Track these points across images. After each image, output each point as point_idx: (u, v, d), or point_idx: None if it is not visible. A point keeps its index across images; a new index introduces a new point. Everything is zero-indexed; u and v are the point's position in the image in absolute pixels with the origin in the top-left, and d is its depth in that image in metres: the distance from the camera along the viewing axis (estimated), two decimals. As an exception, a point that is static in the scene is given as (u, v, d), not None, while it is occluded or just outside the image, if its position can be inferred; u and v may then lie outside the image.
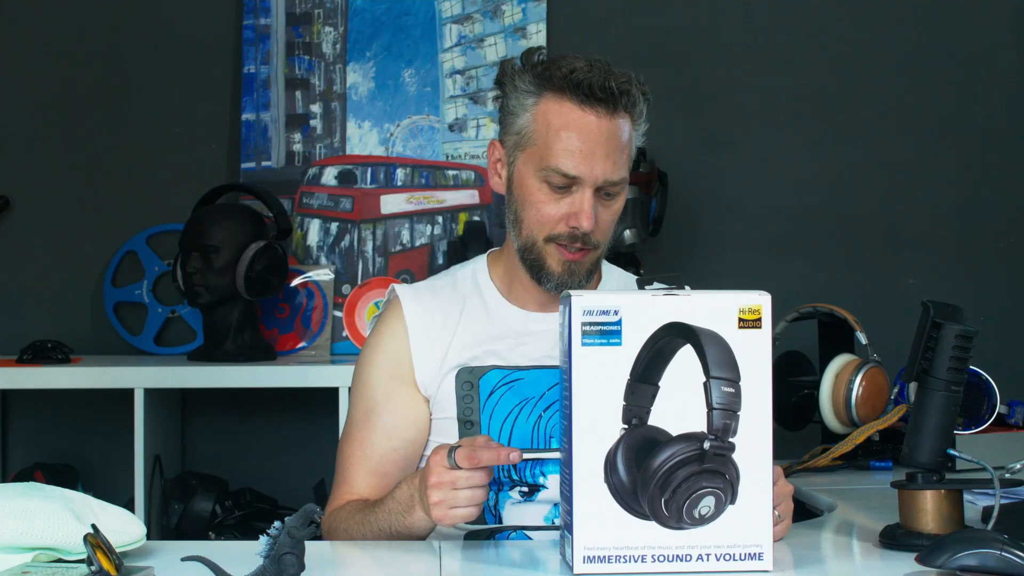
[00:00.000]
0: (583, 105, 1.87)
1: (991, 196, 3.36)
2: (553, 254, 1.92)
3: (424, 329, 1.99)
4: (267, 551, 1.44)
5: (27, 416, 3.30)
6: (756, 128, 3.35)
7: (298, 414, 3.23)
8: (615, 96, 1.87)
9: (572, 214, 1.89)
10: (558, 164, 1.88)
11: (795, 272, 3.32)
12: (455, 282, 2.05)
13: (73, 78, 3.33)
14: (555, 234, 1.91)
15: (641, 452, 1.57)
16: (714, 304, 1.58)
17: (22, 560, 1.55)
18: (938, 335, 1.77)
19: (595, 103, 1.87)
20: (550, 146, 1.88)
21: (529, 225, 1.93)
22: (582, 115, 1.88)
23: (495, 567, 1.74)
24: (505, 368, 1.97)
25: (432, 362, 1.98)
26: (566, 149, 1.87)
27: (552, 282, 1.93)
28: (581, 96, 1.87)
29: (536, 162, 1.90)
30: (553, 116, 1.89)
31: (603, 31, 3.33)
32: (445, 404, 1.98)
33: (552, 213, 1.90)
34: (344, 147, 3.30)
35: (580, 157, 1.87)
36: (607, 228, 1.93)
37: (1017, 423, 2.66)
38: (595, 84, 1.86)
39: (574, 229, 1.89)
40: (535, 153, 1.90)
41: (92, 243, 3.30)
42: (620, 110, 1.89)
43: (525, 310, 2.01)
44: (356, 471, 1.98)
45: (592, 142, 1.87)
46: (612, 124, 1.88)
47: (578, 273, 1.93)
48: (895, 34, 3.37)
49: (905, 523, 1.76)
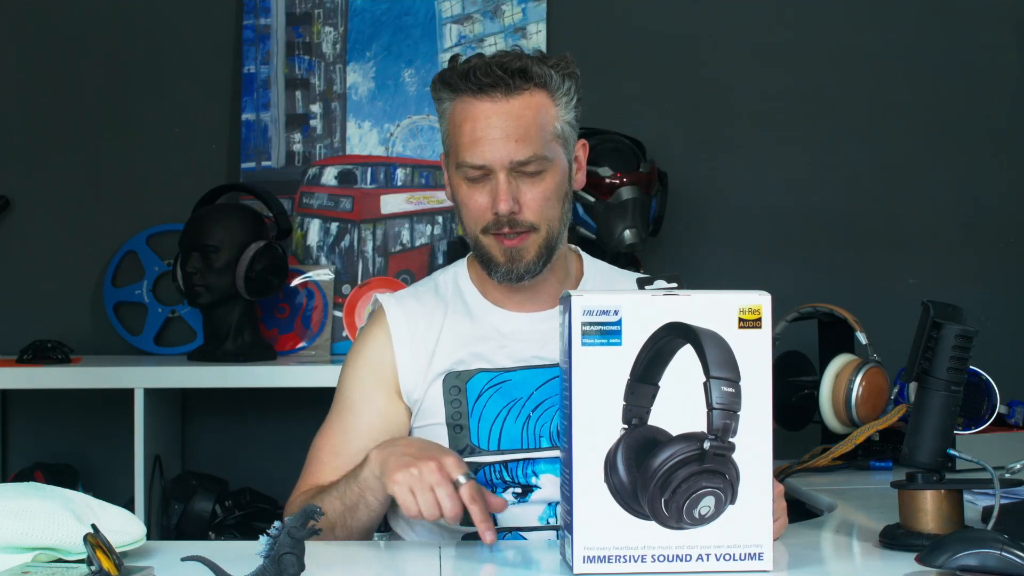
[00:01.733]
0: (477, 95, 1.90)
1: (991, 196, 3.36)
2: (492, 244, 1.94)
3: (408, 336, 2.00)
4: (267, 551, 1.44)
5: (27, 416, 3.30)
6: (756, 128, 3.35)
7: (298, 414, 3.22)
8: (503, 77, 1.89)
9: (492, 200, 1.91)
10: (463, 157, 1.91)
11: (795, 272, 3.32)
12: (437, 287, 2.06)
13: (73, 78, 3.33)
14: (486, 225, 1.93)
15: (641, 452, 1.57)
16: (714, 304, 1.58)
17: (22, 560, 1.55)
18: (938, 335, 1.77)
19: (488, 89, 1.90)
20: (458, 142, 1.92)
21: (466, 223, 1.96)
22: (478, 104, 1.90)
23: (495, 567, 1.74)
24: (491, 371, 1.98)
25: (417, 369, 1.99)
26: (468, 141, 1.90)
27: (499, 272, 1.95)
28: (473, 87, 1.90)
29: (455, 162, 1.94)
30: (456, 114, 1.93)
31: (603, 31, 3.33)
32: (433, 410, 1.98)
33: (478, 204, 1.93)
34: (344, 147, 3.30)
35: (481, 145, 1.89)
36: (539, 207, 1.93)
37: (1017, 423, 2.67)
38: (479, 71, 1.89)
39: (496, 215, 1.91)
40: (453, 154, 1.95)
41: (92, 243, 3.30)
42: (519, 90, 1.90)
43: (507, 310, 2.01)
44: (323, 465, 1.99)
45: (490, 127, 1.89)
46: (510, 104, 1.90)
47: (522, 258, 1.93)
48: (895, 34, 3.37)
49: (905, 523, 1.76)
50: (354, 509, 1.84)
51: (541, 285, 1.99)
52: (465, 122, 1.91)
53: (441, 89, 1.95)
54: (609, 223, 2.96)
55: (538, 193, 1.92)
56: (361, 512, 1.84)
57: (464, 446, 1.96)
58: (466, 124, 1.91)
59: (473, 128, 1.90)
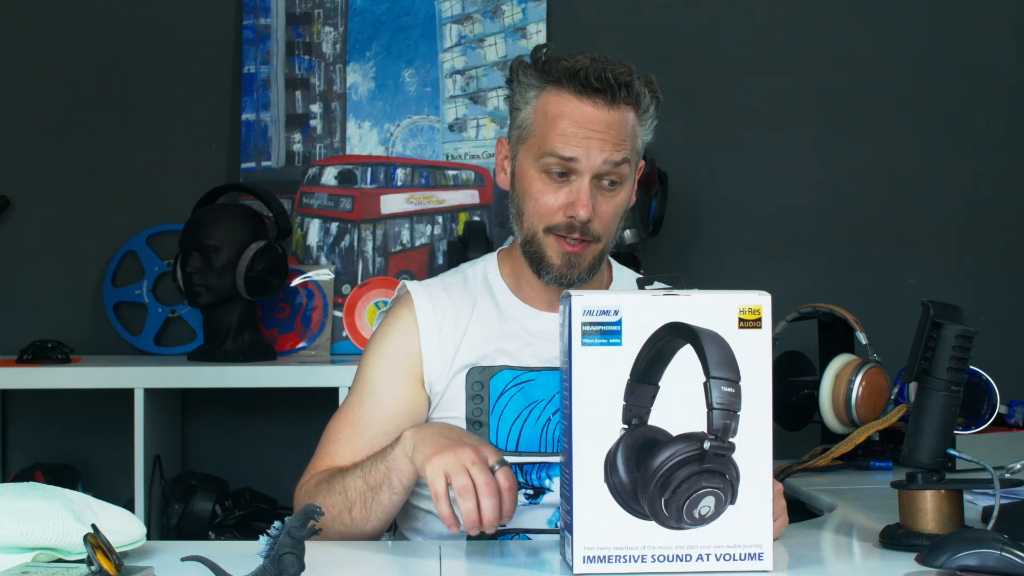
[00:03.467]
0: (580, 95, 1.89)
1: (991, 196, 3.36)
2: (552, 245, 1.93)
3: (436, 327, 1.99)
4: (267, 551, 1.44)
5: (27, 416, 3.30)
6: (756, 128, 3.35)
7: (298, 414, 3.23)
8: (613, 87, 1.89)
9: (569, 203, 1.90)
10: (554, 147, 1.89)
11: (795, 272, 3.32)
12: (466, 279, 2.05)
13: (73, 78, 3.33)
14: (553, 224, 1.92)
15: (641, 452, 1.57)
16: (714, 304, 1.58)
17: (22, 560, 1.55)
18: (938, 335, 1.77)
19: (593, 93, 1.89)
20: (547, 133, 1.90)
21: (529, 217, 1.93)
22: (579, 104, 1.89)
23: (496, 567, 1.74)
24: (516, 368, 1.97)
25: (442, 360, 1.98)
26: (562, 134, 1.89)
27: (551, 274, 1.94)
28: (578, 86, 1.89)
29: (535, 152, 1.92)
30: (551, 106, 1.91)
31: (603, 31, 3.33)
32: (453, 403, 1.97)
33: (550, 203, 1.91)
34: (344, 147, 3.30)
35: (576, 142, 1.88)
36: (608, 221, 1.93)
37: (1017, 423, 2.67)
38: (592, 75, 1.88)
39: (571, 218, 1.90)
40: (534, 144, 1.92)
41: (92, 243, 3.30)
42: (620, 102, 1.90)
43: (535, 308, 2.01)
44: (341, 445, 1.96)
45: (588, 129, 1.89)
46: (610, 115, 1.90)
47: (578, 266, 1.93)
48: (896, 34, 3.37)
49: (905, 523, 1.76)
50: (377, 490, 1.82)
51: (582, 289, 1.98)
52: (562, 117, 1.89)
53: (531, 75, 1.93)
54: (609, 223, 2.95)
55: (611, 206, 1.93)
56: (383, 494, 1.82)
57: None
58: (563, 119, 1.89)
59: (571, 124, 1.88)
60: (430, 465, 1.72)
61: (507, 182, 1.99)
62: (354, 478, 1.85)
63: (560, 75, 1.90)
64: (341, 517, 1.84)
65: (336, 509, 1.85)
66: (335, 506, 1.85)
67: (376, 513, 1.84)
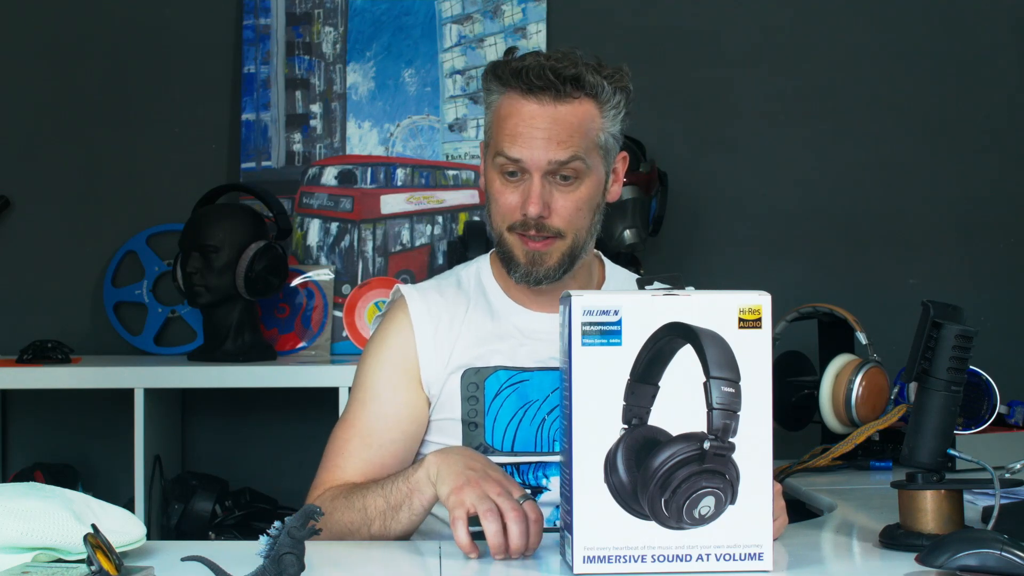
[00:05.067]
0: (526, 95, 1.91)
1: (991, 196, 3.36)
2: (516, 244, 1.94)
3: (431, 329, 1.99)
4: (267, 551, 1.44)
5: (27, 416, 3.30)
6: (756, 128, 3.35)
7: (298, 414, 3.23)
8: (555, 83, 1.89)
9: (523, 201, 1.92)
10: (502, 147, 1.91)
11: (795, 272, 3.32)
12: (459, 281, 2.06)
13: (73, 78, 3.33)
14: (513, 223, 1.93)
15: (641, 452, 1.57)
16: (714, 304, 1.58)
17: (22, 560, 1.55)
18: (938, 335, 1.77)
19: (537, 91, 1.90)
20: (499, 135, 1.92)
21: (494, 217, 1.96)
22: (525, 103, 1.91)
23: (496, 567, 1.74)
24: (511, 368, 1.98)
25: (438, 362, 1.98)
26: (510, 135, 1.91)
27: (518, 271, 1.95)
28: (523, 86, 1.91)
29: (492, 155, 1.94)
30: (503, 108, 1.93)
31: (603, 31, 3.33)
32: (448, 405, 1.98)
33: (509, 202, 1.93)
34: (344, 147, 3.30)
35: (521, 141, 1.90)
36: (570, 216, 1.93)
37: (1017, 423, 2.67)
38: (532, 73, 1.90)
39: (525, 216, 1.91)
40: (492, 147, 1.95)
41: (92, 243, 3.30)
42: (568, 97, 1.90)
43: (529, 309, 2.01)
44: (351, 457, 1.95)
45: (533, 127, 1.90)
46: (557, 110, 1.90)
47: (543, 263, 1.93)
48: (895, 34, 3.37)
49: (905, 523, 1.76)
50: (397, 509, 1.82)
51: (563, 288, 1.98)
52: (510, 117, 1.91)
53: (491, 80, 1.95)
54: (609, 223, 2.95)
55: (570, 201, 1.92)
56: (403, 514, 1.82)
57: (478, 444, 1.96)
58: (510, 120, 1.91)
59: (516, 124, 1.90)
60: (454, 497, 1.71)
61: (484, 187, 2.01)
62: (374, 496, 1.84)
63: (508, 76, 1.92)
64: (359, 532, 1.84)
65: (354, 525, 1.85)
66: (353, 522, 1.85)
67: (395, 531, 1.84)
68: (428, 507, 1.82)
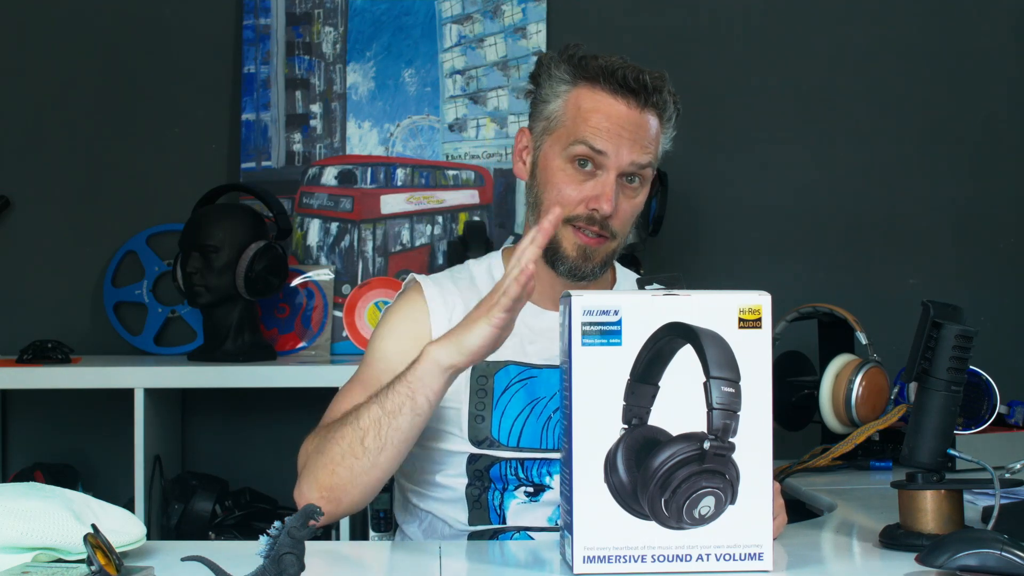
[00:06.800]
0: (615, 94, 1.93)
1: (991, 196, 3.36)
2: (569, 237, 1.94)
3: (446, 315, 1.99)
4: (267, 551, 1.44)
5: (27, 416, 3.30)
6: (756, 128, 3.35)
7: (298, 414, 3.21)
8: (647, 90, 1.93)
9: (593, 196, 1.92)
10: (584, 136, 1.91)
11: (795, 272, 3.32)
12: (472, 276, 2.06)
13: (73, 78, 3.33)
14: (573, 216, 1.93)
15: (641, 452, 1.57)
16: (714, 304, 1.58)
17: (22, 560, 1.55)
18: (938, 335, 1.77)
19: (627, 93, 1.92)
20: (579, 126, 1.93)
21: (549, 206, 1.93)
22: (613, 102, 1.93)
23: (495, 567, 1.74)
24: (521, 364, 1.98)
25: None
26: (595, 128, 1.92)
27: (565, 265, 1.95)
28: (615, 85, 1.92)
29: (563, 143, 1.94)
30: (585, 101, 1.94)
31: (603, 31, 3.33)
32: (456, 395, 1.97)
33: (573, 195, 1.93)
34: (344, 147, 3.30)
35: (607, 136, 1.91)
36: (626, 220, 1.96)
37: (1017, 423, 2.67)
38: (629, 75, 1.92)
39: (593, 211, 1.92)
40: (563, 135, 1.94)
41: (92, 243, 3.31)
42: (650, 106, 1.94)
43: (539, 307, 2.01)
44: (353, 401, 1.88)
45: (620, 126, 1.92)
46: (641, 116, 1.93)
47: (592, 259, 1.94)
48: (895, 34, 3.37)
49: (905, 523, 1.76)
50: (395, 414, 1.77)
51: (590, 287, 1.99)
52: (596, 112, 1.92)
53: (566, 70, 1.95)
54: (609, 223, 2.96)
55: (630, 206, 1.96)
56: (402, 418, 1.77)
57: (484, 437, 1.96)
58: (596, 114, 1.92)
59: (605, 119, 1.91)
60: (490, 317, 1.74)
61: (525, 172, 2.01)
62: (367, 407, 1.80)
63: (596, 72, 1.93)
64: (352, 451, 1.79)
65: (346, 441, 1.79)
66: (345, 438, 1.80)
67: (392, 440, 1.78)
68: (435, 401, 1.78)
